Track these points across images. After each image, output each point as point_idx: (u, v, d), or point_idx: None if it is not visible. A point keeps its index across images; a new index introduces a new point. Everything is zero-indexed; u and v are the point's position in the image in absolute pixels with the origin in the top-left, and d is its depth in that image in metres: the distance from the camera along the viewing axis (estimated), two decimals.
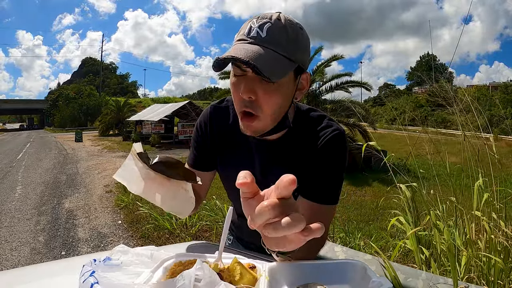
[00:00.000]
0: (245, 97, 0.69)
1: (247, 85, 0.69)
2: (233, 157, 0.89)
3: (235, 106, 0.76)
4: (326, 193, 0.78)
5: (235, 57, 0.63)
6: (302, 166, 0.80)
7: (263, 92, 0.69)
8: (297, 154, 0.81)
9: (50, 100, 52.27)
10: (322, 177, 0.78)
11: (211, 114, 0.91)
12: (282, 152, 0.83)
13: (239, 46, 0.67)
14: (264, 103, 0.70)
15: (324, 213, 0.78)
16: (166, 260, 0.62)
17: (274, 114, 0.73)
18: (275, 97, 0.70)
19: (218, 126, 0.90)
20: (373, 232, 3.85)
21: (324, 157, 0.78)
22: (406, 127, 3.15)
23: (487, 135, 2.18)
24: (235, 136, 0.86)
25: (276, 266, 0.62)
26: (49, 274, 0.75)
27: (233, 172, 0.86)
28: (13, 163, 11.94)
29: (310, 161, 0.79)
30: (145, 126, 20.44)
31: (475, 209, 1.83)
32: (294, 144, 0.82)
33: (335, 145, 0.79)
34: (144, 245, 3.83)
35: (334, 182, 0.79)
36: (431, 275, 1.40)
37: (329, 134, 0.79)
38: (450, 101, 2.18)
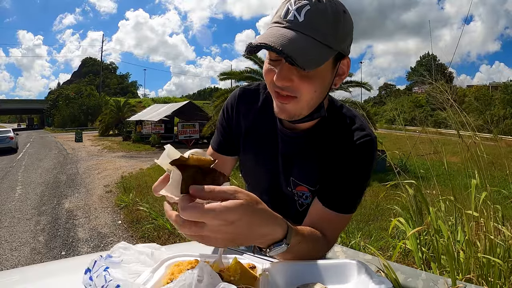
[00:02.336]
0: (279, 84, 0.66)
1: (282, 71, 0.65)
2: (256, 142, 0.85)
3: (269, 89, 0.72)
4: (344, 201, 0.73)
5: (267, 45, 0.59)
6: (326, 164, 0.76)
7: (299, 78, 0.65)
8: (323, 151, 0.77)
9: (50, 100, 52.26)
10: (343, 184, 0.73)
11: (239, 96, 0.87)
12: (308, 146, 0.78)
13: (273, 31, 0.63)
14: (301, 88, 0.66)
15: (338, 222, 0.74)
16: (166, 260, 0.63)
17: (311, 100, 0.69)
18: (312, 83, 0.66)
19: (245, 108, 0.86)
20: (373, 232, 3.86)
21: (350, 163, 0.73)
22: (406, 127, 3.15)
23: (486, 135, 2.19)
24: (262, 121, 0.83)
25: (276, 266, 0.62)
26: (49, 274, 0.75)
27: (253, 157, 0.86)
28: (13, 163, 11.94)
29: (335, 163, 0.74)
30: (145, 126, 20.44)
31: (473, 209, 1.83)
32: (322, 139, 0.77)
33: (364, 152, 0.73)
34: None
35: (355, 191, 0.74)
36: (431, 275, 1.41)
37: (360, 138, 0.73)
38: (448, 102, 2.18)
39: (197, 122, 16.16)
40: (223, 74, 10.18)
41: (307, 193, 0.80)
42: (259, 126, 0.84)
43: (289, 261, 0.64)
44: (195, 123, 15.56)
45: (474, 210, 1.83)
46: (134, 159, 12.52)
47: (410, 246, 2.05)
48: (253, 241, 0.52)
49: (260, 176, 0.88)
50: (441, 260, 1.84)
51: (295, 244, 0.58)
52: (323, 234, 0.71)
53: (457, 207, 2.02)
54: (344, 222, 0.76)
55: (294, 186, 0.81)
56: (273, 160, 0.83)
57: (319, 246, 0.70)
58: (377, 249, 2.74)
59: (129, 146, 18.24)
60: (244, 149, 0.88)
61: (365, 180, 0.75)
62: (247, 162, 0.90)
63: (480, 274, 1.62)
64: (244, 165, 0.92)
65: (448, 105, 2.10)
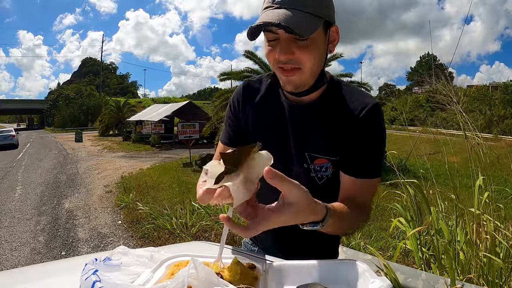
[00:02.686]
0: (282, 58, 0.72)
1: (283, 46, 0.72)
2: (264, 129, 0.88)
3: (274, 68, 0.78)
4: (369, 167, 0.78)
5: (266, 22, 0.68)
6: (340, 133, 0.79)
7: (299, 48, 0.72)
8: (333, 119, 0.80)
9: (50, 100, 52.26)
10: (364, 151, 0.78)
11: (244, 88, 0.92)
12: (317, 116, 0.82)
13: (267, 13, 0.71)
14: (302, 58, 0.73)
15: (368, 187, 0.79)
16: (166, 260, 0.63)
17: (312, 67, 0.75)
18: (311, 51, 0.73)
19: (251, 98, 0.91)
20: (373, 232, 3.86)
21: (366, 129, 0.78)
22: (406, 127, 3.15)
23: (487, 135, 2.18)
24: (268, 106, 0.88)
25: (276, 266, 0.62)
26: (49, 274, 0.75)
27: (265, 138, 0.84)
28: (13, 163, 11.94)
29: (350, 131, 0.78)
30: (145, 126, 20.44)
31: (476, 208, 1.83)
32: (329, 109, 0.81)
33: (375, 116, 0.78)
34: (144, 245, 3.83)
35: (377, 155, 0.79)
36: (431, 275, 1.41)
37: (370, 105, 0.78)
38: (450, 101, 2.18)
39: (197, 122, 16.15)
40: (223, 74, 10.18)
41: (327, 164, 0.81)
42: (266, 112, 0.88)
43: (289, 261, 0.65)
44: (195, 123, 15.54)
45: (476, 209, 1.83)
46: (134, 159, 12.52)
47: (410, 246, 2.05)
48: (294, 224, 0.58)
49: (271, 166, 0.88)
50: (441, 260, 1.84)
51: (331, 223, 0.63)
52: (360, 203, 0.77)
53: (458, 207, 2.02)
54: (375, 186, 0.81)
55: (311, 160, 0.82)
56: (284, 140, 0.85)
57: (359, 216, 0.76)
58: (377, 249, 2.74)
59: (129, 146, 18.24)
60: (254, 134, 0.90)
61: (382, 143, 0.80)
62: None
63: (481, 274, 1.62)
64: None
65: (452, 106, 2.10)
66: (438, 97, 2.17)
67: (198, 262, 0.48)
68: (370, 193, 0.80)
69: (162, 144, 17.68)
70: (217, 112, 9.15)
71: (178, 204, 4.97)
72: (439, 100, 2.18)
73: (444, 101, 2.13)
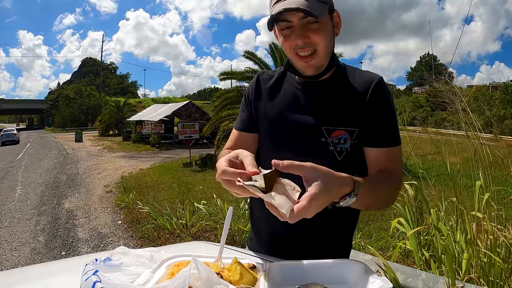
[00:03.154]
0: (300, 42, 0.79)
1: (298, 31, 0.79)
2: (280, 105, 0.91)
3: (291, 55, 0.84)
4: (391, 136, 0.83)
5: (287, 8, 0.75)
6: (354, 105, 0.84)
7: (313, 32, 0.79)
8: (346, 93, 0.85)
9: (50, 100, 52.27)
10: (383, 122, 0.83)
11: (259, 76, 0.99)
12: (330, 92, 0.87)
13: (281, 4, 0.77)
14: (317, 40, 0.80)
15: (394, 155, 0.83)
16: (166, 260, 0.63)
17: (326, 49, 0.82)
18: (323, 34, 0.80)
19: (264, 84, 0.96)
20: (373, 232, 3.85)
21: (380, 100, 0.83)
22: (406, 127, 3.15)
23: (487, 135, 2.18)
24: (281, 86, 0.93)
25: (276, 266, 0.62)
26: (49, 274, 0.75)
27: (279, 117, 0.90)
28: (13, 163, 11.95)
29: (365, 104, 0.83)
30: (145, 126, 20.45)
31: (476, 209, 1.83)
32: (341, 84, 0.87)
33: (385, 89, 0.85)
34: (144, 245, 3.83)
35: (394, 124, 0.85)
36: (431, 275, 1.41)
37: (377, 78, 0.85)
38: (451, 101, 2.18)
39: (197, 122, 16.17)
40: (223, 74, 10.17)
41: (345, 135, 0.84)
42: (279, 93, 0.93)
43: (289, 261, 0.65)
44: (195, 123, 15.54)
45: (477, 211, 1.83)
46: (134, 159, 12.52)
47: (410, 246, 2.05)
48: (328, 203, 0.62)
49: (286, 143, 0.90)
50: (441, 260, 1.84)
51: (365, 192, 0.66)
52: (391, 171, 0.81)
53: (458, 208, 2.02)
54: (399, 154, 0.86)
55: (328, 133, 0.84)
56: (299, 117, 0.87)
57: (392, 183, 0.80)
58: (377, 249, 2.74)
59: (129, 146, 18.25)
60: (269, 112, 0.92)
61: (395, 112, 0.86)
62: (269, 139, 0.93)
63: (481, 274, 1.62)
64: (265, 146, 0.95)
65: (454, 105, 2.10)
66: (439, 96, 2.17)
67: (199, 263, 0.48)
68: (397, 160, 0.84)
69: (162, 144, 17.68)
70: (217, 112, 9.13)
71: (178, 204, 4.97)
72: (440, 100, 2.18)
73: (445, 100, 2.12)
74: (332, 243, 0.90)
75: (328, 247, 0.90)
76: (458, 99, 2.12)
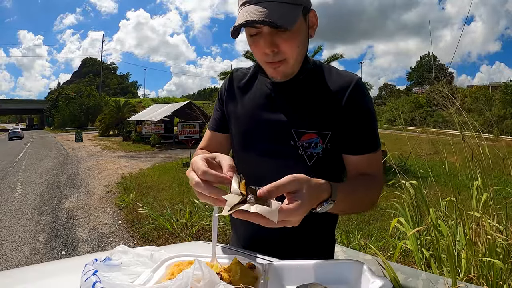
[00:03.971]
0: (268, 51, 0.74)
1: (266, 40, 0.73)
2: (251, 106, 0.87)
3: (259, 61, 0.80)
4: (371, 142, 0.79)
5: (249, 21, 0.68)
6: (327, 107, 0.79)
7: (283, 41, 0.73)
8: (319, 95, 0.81)
9: (50, 100, 52.28)
10: (362, 128, 0.79)
11: (232, 74, 0.95)
12: (303, 93, 0.82)
13: (246, 10, 0.71)
14: (287, 50, 0.74)
15: (375, 160, 0.80)
16: (166, 260, 0.63)
17: (298, 56, 0.78)
18: (294, 41, 0.74)
19: (237, 82, 0.92)
20: (373, 232, 3.85)
21: (357, 107, 0.78)
22: (406, 127, 3.15)
23: (487, 135, 2.18)
24: (253, 86, 0.89)
25: (276, 266, 0.62)
26: (49, 274, 0.75)
27: (250, 118, 0.86)
28: (13, 163, 11.94)
29: (340, 108, 0.78)
30: (145, 126, 20.43)
31: (474, 209, 1.83)
32: (315, 84, 0.82)
33: (363, 89, 0.80)
34: (144, 245, 3.83)
35: (373, 128, 0.80)
36: (431, 275, 1.41)
37: (355, 79, 0.79)
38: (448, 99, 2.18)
39: (197, 122, 16.15)
40: (224, 73, 10.19)
41: (316, 139, 0.79)
42: (250, 93, 0.88)
43: (289, 261, 0.65)
44: (195, 123, 15.53)
45: (475, 211, 1.83)
46: (134, 159, 12.52)
47: (410, 246, 2.05)
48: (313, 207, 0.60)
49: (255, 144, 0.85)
50: (441, 260, 1.84)
51: (343, 198, 0.64)
52: (371, 175, 0.78)
53: (458, 208, 2.02)
54: (380, 157, 0.83)
55: (298, 136, 0.80)
56: (270, 118, 0.83)
57: (372, 188, 0.78)
58: (378, 249, 2.74)
59: (129, 146, 18.24)
60: (242, 112, 0.88)
61: (374, 115, 0.81)
62: (238, 140, 0.90)
63: (481, 274, 1.62)
64: (236, 146, 0.91)
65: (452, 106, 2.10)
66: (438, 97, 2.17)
67: (202, 263, 0.48)
68: (377, 165, 0.81)
69: (162, 144, 17.67)
70: None
71: (178, 204, 4.97)
72: (439, 101, 2.18)
73: (444, 101, 2.13)
74: (312, 240, 0.88)
75: (309, 244, 0.87)
76: (456, 99, 2.12)
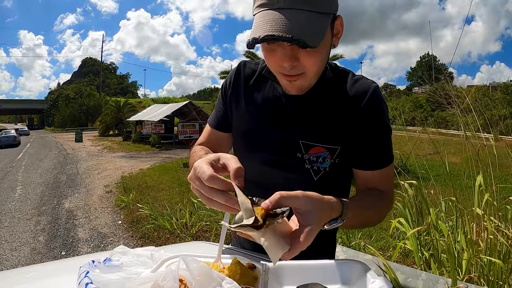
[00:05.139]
0: (286, 65, 0.64)
1: (286, 53, 0.63)
2: (258, 111, 0.80)
3: (273, 70, 0.71)
4: (385, 156, 0.74)
5: (274, 36, 0.57)
6: (339, 121, 0.74)
7: (306, 55, 0.63)
8: (332, 108, 0.74)
9: (50, 100, 52.33)
10: (377, 143, 0.73)
11: (239, 67, 0.85)
12: (313, 104, 0.75)
13: (268, 16, 0.59)
14: (308, 65, 0.65)
15: (387, 174, 0.75)
16: (166, 260, 0.62)
17: (318, 70, 0.70)
18: (318, 55, 0.65)
19: (244, 79, 0.83)
20: (373, 232, 3.85)
21: (372, 120, 0.72)
22: (406, 127, 3.15)
23: (487, 135, 2.18)
24: (261, 89, 0.81)
25: (276, 266, 0.62)
26: (49, 274, 0.75)
27: (256, 125, 0.80)
28: (13, 163, 11.95)
29: (353, 122, 0.72)
30: (145, 126, 20.44)
31: (476, 208, 1.83)
32: (327, 96, 0.75)
33: (380, 101, 0.73)
34: (144, 245, 3.83)
35: (388, 142, 0.75)
36: (431, 275, 1.40)
37: (370, 90, 0.72)
38: (450, 100, 2.18)
39: (197, 122, 16.19)
40: (224, 72, 10.21)
41: (324, 154, 0.74)
42: (258, 97, 0.81)
43: (289, 261, 0.64)
44: (195, 123, 15.59)
45: (478, 210, 1.83)
46: (134, 159, 12.52)
47: (410, 246, 2.05)
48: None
49: (259, 153, 0.81)
50: (441, 260, 1.84)
51: (352, 217, 0.61)
52: (382, 190, 0.74)
53: (458, 208, 2.02)
54: (391, 172, 0.77)
55: (306, 149, 0.74)
56: (277, 128, 0.78)
57: (382, 205, 0.73)
58: (377, 249, 2.74)
59: (129, 146, 18.24)
60: (247, 118, 0.82)
61: (389, 127, 0.75)
62: (241, 146, 0.84)
63: (481, 274, 1.62)
64: (241, 133, 0.85)
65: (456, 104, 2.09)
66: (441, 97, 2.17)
67: (188, 258, 0.47)
68: (389, 179, 0.76)
69: (162, 144, 17.68)
70: None
71: (178, 204, 4.97)
72: (439, 101, 2.18)
73: (443, 102, 2.13)
74: (314, 240, 0.85)
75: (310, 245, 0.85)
76: (459, 99, 2.12)
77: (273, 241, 0.49)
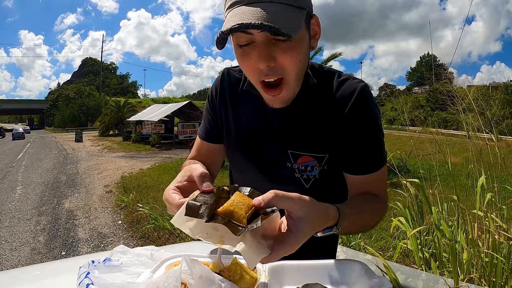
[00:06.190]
0: (262, 66, 0.60)
1: (262, 51, 0.59)
2: (246, 123, 0.79)
3: (250, 78, 0.67)
4: (376, 159, 0.71)
5: (242, 24, 0.53)
6: (326, 128, 0.71)
7: (282, 52, 0.59)
8: (319, 114, 0.72)
9: (50, 100, 52.36)
10: (365, 145, 0.70)
11: (223, 76, 0.82)
12: (300, 113, 0.73)
13: (237, 12, 0.56)
14: (286, 64, 0.61)
15: (379, 179, 0.72)
16: (166, 260, 0.62)
17: (298, 73, 0.65)
18: (295, 53, 0.61)
19: (230, 88, 0.80)
20: (373, 232, 3.85)
21: (359, 121, 0.69)
22: (406, 127, 3.15)
23: (488, 135, 2.18)
24: (248, 100, 0.78)
25: (276, 266, 0.62)
26: (49, 274, 0.75)
27: (245, 137, 0.78)
28: (13, 163, 11.95)
29: (341, 127, 0.70)
30: (145, 127, 20.44)
31: (478, 208, 1.83)
32: (314, 103, 0.72)
33: (367, 102, 0.69)
34: (144, 245, 3.83)
35: (379, 144, 0.71)
36: (431, 275, 1.40)
37: (357, 91, 0.69)
38: (452, 100, 2.17)
39: (197, 122, 16.18)
40: None
41: (312, 163, 0.73)
42: (245, 108, 0.79)
43: (289, 261, 0.64)
44: (195, 123, 15.58)
45: (479, 210, 1.83)
46: (134, 159, 12.52)
47: (410, 246, 2.05)
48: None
49: (250, 165, 0.80)
50: (442, 260, 1.84)
51: (348, 224, 0.58)
52: (376, 194, 0.72)
53: (460, 207, 2.02)
54: (384, 175, 0.74)
55: (294, 159, 0.73)
56: (266, 138, 0.76)
57: (376, 209, 0.71)
58: (378, 249, 2.74)
59: (129, 146, 18.24)
60: (236, 131, 0.80)
61: (379, 127, 0.72)
62: (238, 142, 0.82)
63: (482, 273, 1.62)
64: (232, 145, 0.83)
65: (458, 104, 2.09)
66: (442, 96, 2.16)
67: (189, 259, 0.47)
68: (382, 181, 0.74)
69: (162, 144, 17.68)
70: None
71: None
72: (440, 100, 2.18)
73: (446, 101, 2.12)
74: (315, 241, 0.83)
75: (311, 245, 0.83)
76: (460, 99, 2.12)
77: (251, 244, 0.46)
